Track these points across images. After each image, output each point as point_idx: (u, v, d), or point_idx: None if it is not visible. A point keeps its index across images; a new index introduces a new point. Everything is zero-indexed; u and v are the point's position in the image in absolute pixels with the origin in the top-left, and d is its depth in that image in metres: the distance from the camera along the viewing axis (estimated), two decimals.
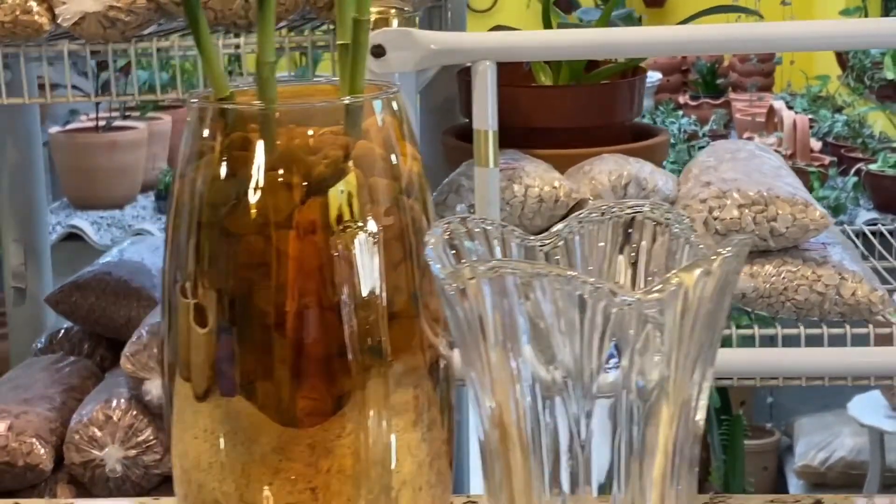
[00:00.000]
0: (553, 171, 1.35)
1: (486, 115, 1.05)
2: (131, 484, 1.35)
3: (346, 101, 0.56)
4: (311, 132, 0.56)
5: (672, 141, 3.79)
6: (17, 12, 1.14)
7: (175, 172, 0.58)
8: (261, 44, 0.54)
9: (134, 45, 1.15)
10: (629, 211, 0.51)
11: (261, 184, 0.55)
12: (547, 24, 1.78)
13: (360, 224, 0.56)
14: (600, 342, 0.41)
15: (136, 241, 2.45)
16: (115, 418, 1.36)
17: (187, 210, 0.57)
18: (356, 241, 0.56)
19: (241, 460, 0.58)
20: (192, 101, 0.57)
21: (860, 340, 1.29)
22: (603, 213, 0.51)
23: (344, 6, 0.59)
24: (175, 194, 0.58)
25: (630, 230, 0.50)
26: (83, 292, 1.83)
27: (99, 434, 1.36)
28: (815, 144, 4.19)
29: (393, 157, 0.58)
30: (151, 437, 1.37)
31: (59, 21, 1.12)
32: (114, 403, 1.38)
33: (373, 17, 1.07)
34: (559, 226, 0.51)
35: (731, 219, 1.34)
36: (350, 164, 0.56)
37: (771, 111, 3.97)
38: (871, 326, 1.29)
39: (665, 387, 0.43)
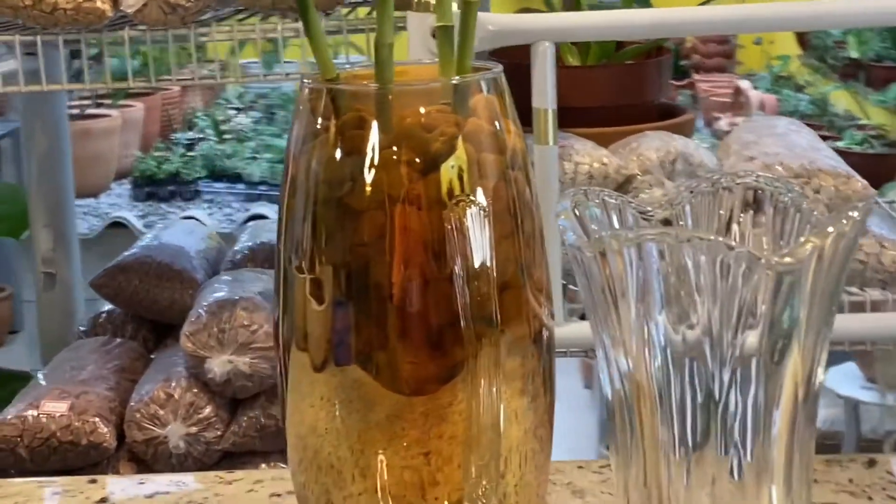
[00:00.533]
0: (600, 148, 1.37)
1: (545, 94, 1.07)
2: (193, 460, 1.38)
3: (458, 81, 0.58)
4: (423, 110, 0.58)
5: None
6: (81, 0, 1.16)
7: (288, 156, 0.60)
8: (380, 25, 0.56)
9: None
10: (739, 181, 0.52)
11: (380, 161, 0.57)
12: (570, 6, 1.79)
13: (472, 198, 0.57)
14: (739, 305, 0.43)
15: (170, 226, 2.47)
16: (176, 396, 1.38)
17: (303, 189, 0.59)
18: (468, 214, 0.57)
19: (356, 427, 0.60)
20: (306, 82, 0.59)
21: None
22: (713, 184, 0.53)
23: None
24: (289, 175, 0.60)
25: (741, 200, 0.52)
26: (127, 275, 1.85)
27: (161, 412, 1.38)
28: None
29: (499, 133, 0.59)
30: (212, 414, 1.39)
31: (122, 8, 1.14)
32: (174, 382, 1.40)
33: (433, 1, 1.09)
34: (670, 196, 0.53)
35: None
36: (461, 140, 0.58)
37: (738, 91, 3.99)
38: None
39: (794, 347, 0.44)
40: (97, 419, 1.39)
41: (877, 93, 4.36)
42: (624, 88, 2.00)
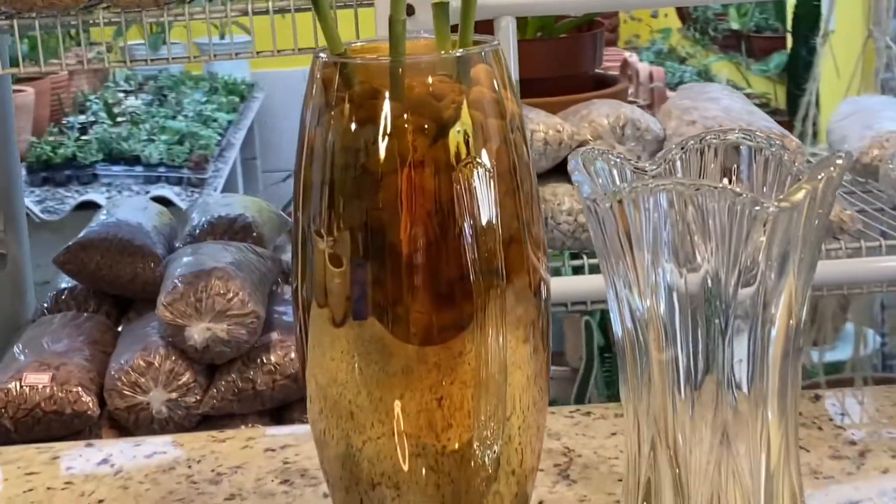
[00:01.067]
0: (553, 116, 1.41)
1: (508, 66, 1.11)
2: (174, 424, 1.40)
3: (463, 53, 0.62)
4: (430, 80, 0.61)
5: None
6: None
7: (304, 126, 0.63)
8: (393, 3, 0.59)
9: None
10: (724, 138, 0.57)
11: (394, 129, 0.60)
12: None
13: (478, 160, 0.61)
14: (740, 248, 0.47)
15: (119, 203, 2.48)
16: (156, 364, 1.41)
17: (320, 158, 0.62)
18: (475, 174, 0.61)
19: (374, 376, 0.63)
20: (321, 56, 0.62)
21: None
22: (701, 141, 0.57)
23: None
24: (304, 145, 0.63)
25: (728, 155, 0.56)
26: (88, 252, 1.87)
27: (142, 380, 1.40)
28: (669, 94, 4.27)
29: (500, 100, 0.63)
30: (191, 380, 1.42)
31: None
32: (153, 351, 1.43)
33: None
34: (661, 154, 0.57)
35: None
36: (466, 107, 0.61)
37: (625, 64, 4.05)
38: (842, 242, 1.38)
39: (787, 288, 0.49)
40: (79, 389, 1.41)
41: (758, 62, 4.43)
42: (561, 60, 2.05)
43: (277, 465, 0.89)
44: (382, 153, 0.61)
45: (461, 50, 0.62)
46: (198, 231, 1.97)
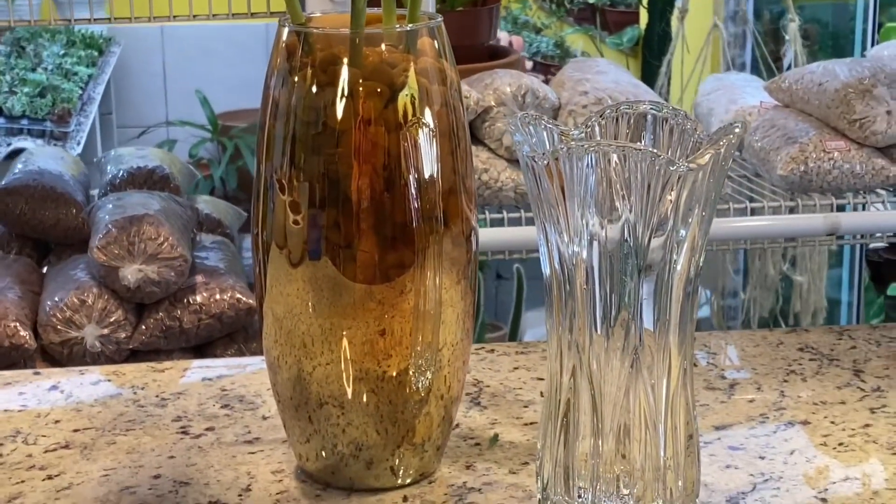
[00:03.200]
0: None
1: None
2: (105, 358, 1.43)
3: (412, 28, 0.66)
4: (384, 48, 0.66)
5: None
6: None
7: (269, 84, 0.67)
8: None
9: None
10: (637, 108, 0.62)
11: (352, 91, 0.65)
12: None
13: (424, 121, 0.66)
14: (653, 203, 0.52)
15: (36, 152, 2.46)
16: (89, 302, 1.43)
17: (283, 115, 0.66)
18: (421, 134, 0.66)
19: (326, 310, 0.68)
20: (287, 25, 0.66)
21: None
22: (617, 111, 0.62)
23: None
24: (269, 104, 0.67)
25: (639, 123, 0.62)
26: (14, 198, 1.87)
27: (76, 316, 1.42)
28: (527, 64, 4.32)
29: (442, 69, 0.68)
30: (122, 318, 1.44)
31: None
32: (86, 289, 1.45)
33: None
34: (583, 120, 0.62)
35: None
36: (414, 74, 0.66)
37: None
38: None
39: (689, 238, 0.55)
40: (16, 324, 1.43)
41: (612, 36, 4.46)
42: (461, 32, 2.10)
43: (216, 392, 0.93)
44: (341, 113, 0.65)
45: (410, 25, 0.66)
46: (118, 181, 1.98)
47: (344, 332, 0.68)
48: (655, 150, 0.51)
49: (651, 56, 3.05)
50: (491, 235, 1.35)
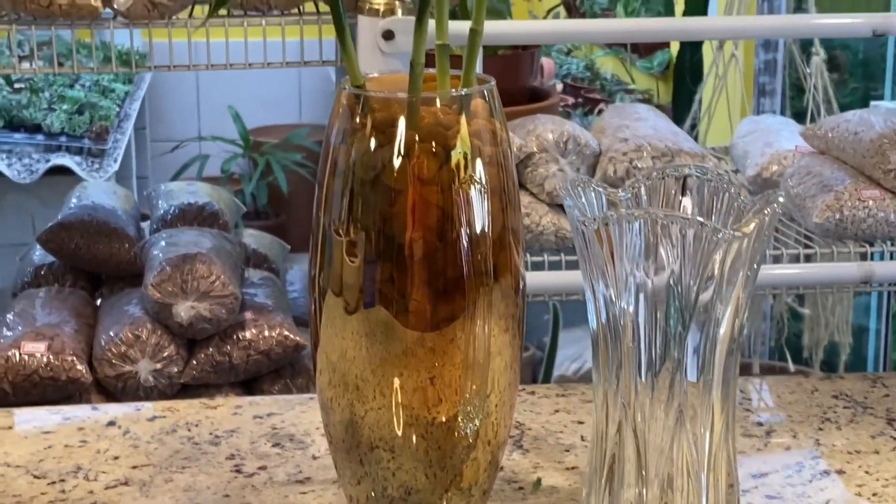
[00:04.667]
0: None
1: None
2: (158, 392, 1.45)
3: (466, 92, 0.68)
4: (439, 113, 0.68)
5: None
6: None
7: (329, 143, 0.69)
8: (416, 47, 0.66)
9: None
10: (682, 171, 0.64)
11: (409, 151, 0.67)
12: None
13: (476, 180, 0.68)
14: (700, 264, 0.54)
15: (89, 186, 2.50)
16: (143, 337, 1.46)
17: (342, 171, 0.68)
18: (473, 192, 0.68)
19: (378, 356, 0.70)
20: (346, 88, 0.68)
21: None
22: (662, 172, 0.64)
23: (441, 11, 0.70)
24: (329, 160, 0.69)
25: (684, 185, 0.63)
26: (69, 232, 1.90)
27: (130, 351, 1.45)
28: (558, 86, 4.29)
29: (494, 130, 0.70)
30: (174, 352, 1.47)
31: (115, 6, 1.20)
32: (140, 325, 1.48)
33: (381, 7, 1.18)
34: (629, 182, 0.64)
35: (647, 167, 1.48)
36: (468, 135, 0.68)
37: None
38: None
39: (735, 296, 0.56)
40: (73, 357, 1.46)
41: (642, 59, 4.42)
42: (502, 76, 2.11)
43: (267, 430, 0.94)
44: (397, 171, 0.67)
45: (465, 89, 0.68)
46: (169, 216, 2.01)
47: (396, 379, 0.70)
48: (701, 219, 0.53)
49: (682, 81, 3.06)
50: (531, 279, 1.36)
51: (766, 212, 0.54)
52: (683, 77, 3.00)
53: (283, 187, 4.62)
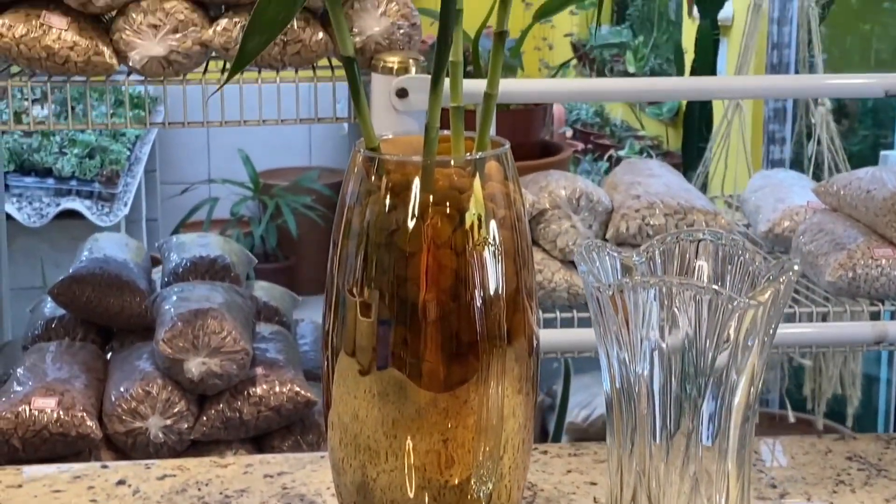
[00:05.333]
0: None
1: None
2: (168, 448, 1.45)
3: (481, 156, 0.69)
4: (454, 175, 0.68)
5: None
6: (90, 54, 1.23)
7: (344, 205, 0.70)
8: (431, 111, 0.66)
9: None
10: (696, 237, 0.64)
11: (423, 214, 0.67)
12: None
13: (490, 243, 0.68)
14: (716, 331, 0.54)
15: (101, 239, 2.51)
16: (154, 393, 1.46)
17: (357, 232, 0.69)
18: (487, 255, 0.68)
19: (391, 417, 0.70)
20: (361, 151, 0.69)
21: None
22: (676, 238, 0.64)
23: (456, 74, 0.71)
24: (343, 221, 0.70)
25: (699, 250, 0.64)
26: (81, 286, 1.90)
27: (141, 407, 1.45)
28: (568, 132, 4.30)
29: (508, 193, 0.70)
30: (184, 408, 1.47)
31: (130, 63, 1.22)
32: (151, 380, 1.48)
33: (395, 66, 1.19)
34: (644, 245, 0.64)
35: (659, 225, 1.49)
36: (483, 199, 0.69)
37: None
38: None
39: (750, 362, 0.56)
40: (83, 413, 1.46)
41: (651, 105, 4.41)
42: (513, 131, 2.13)
43: (277, 490, 0.94)
44: (412, 234, 0.67)
45: (479, 153, 0.69)
46: (180, 269, 2.01)
47: (408, 440, 0.70)
48: (716, 287, 0.53)
49: (691, 128, 3.08)
50: (543, 337, 1.37)
51: (781, 280, 0.55)
52: (693, 123, 3.01)
53: (292, 230, 4.65)
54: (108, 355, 1.84)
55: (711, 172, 2.51)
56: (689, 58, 3.26)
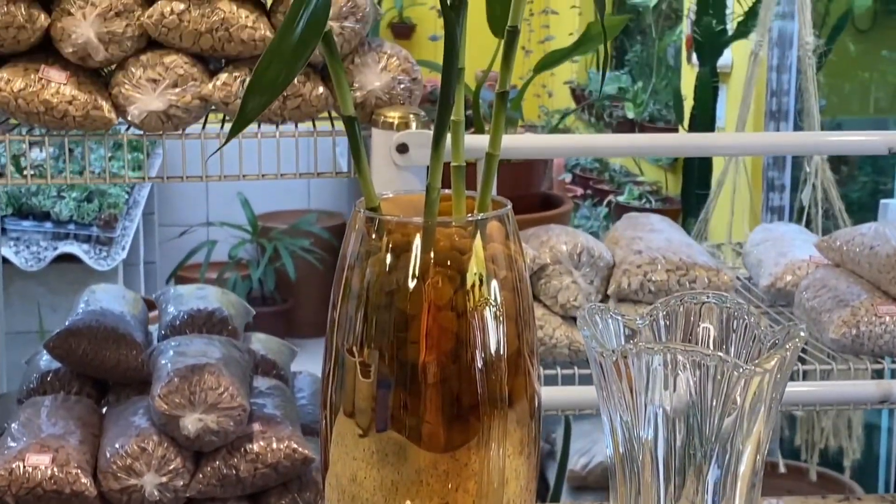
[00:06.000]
0: None
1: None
2: None
3: (482, 217, 0.68)
4: (455, 237, 0.68)
5: None
6: (89, 108, 1.23)
7: (344, 264, 0.69)
8: (432, 172, 0.66)
9: None
10: (701, 300, 0.64)
11: (424, 275, 0.67)
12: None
13: (492, 305, 0.68)
14: (722, 396, 0.54)
15: (97, 291, 2.50)
16: (149, 450, 1.45)
17: (357, 292, 0.69)
18: (488, 318, 0.68)
19: (390, 478, 0.69)
20: (362, 211, 0.69)
21: None
22: (681, 301, 0.64)
23: (458, 134, 0.71)
24: (343, 280, 0.69)
25: (703, 314, 0.63)
26: (77, 338, 1.89)
27: (136, 464, 1.44)
28: (567, 177, 4.33)
29: (510, 254, 0.70)
30: (180, 465, 1.46)
31: (129, 118, 1.22)
32: (146, 437, 1.47)
33: (396, 121, 1.19)
34: (648, 308, 0.64)
35: (660, 280, 1.49)
36: (484, 260, 0.68)
37: None
38: None
39: (756, 427, 0.56)
40: (78, 471, 1.45)
41: None
42: (514, 184, 2.14)
43: None
44: (412, 295, 0.67)
45: (481, 214, 0.69)
46: (178, 322, 2.00)
47: (407, 502, 0.69)
48: (721, 354, 0.53)
49: (690, 174, 3.09)
50: (544, 394, 1.36)
51: (787, 347, 0.54)
52: (692, 170, 3.03)
53: (290, 273, 4.65)
54: (104, 409, 1.83)
55: (711, 219, 2.52)
56: (688, 104, 3.29)
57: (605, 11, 0.68)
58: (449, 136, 0.69)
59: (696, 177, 3.12)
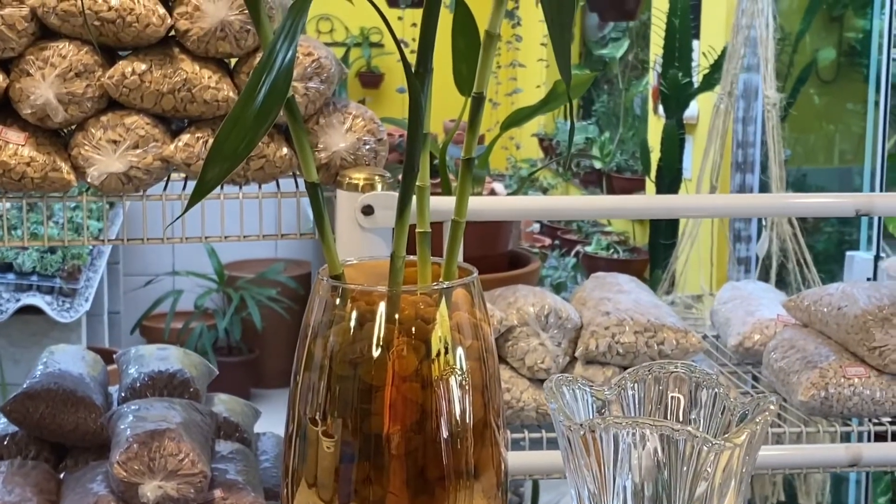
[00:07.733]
0: None
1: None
2: None
3: (448, 285, 0.68)
4: (420, 305, 0.67)
5: None
6: (47, 170, 1.22)
7: (307, 332, 0.69)
8: (397, 240, 0.66)
9: None
10: (669, 370, 0.63)
11: (388, 345, 0.66)
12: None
13: (458, 375, 0.67)
14: (693, 469, 0.53)
15: (56, 352, 2.47)
16: None
17: (320, 360, 0.68)
18: (455, 386, 0.67)
19: None
20: (325, 280, 0.68)
21: None
22: (649, 371, 0.64)
23: (423, 200, 0.71)
24: (306, 348, 0.69)
25: (672, 384, 0.63)
26: (34, 402, 1.86)
27: None
28: (535, 226, 4.36)
29: (476, 322, 0.69)
30: None
31: (88, 179, 1.21)
32: None
33: (361, 182, 1.19)
34: (617, 378, 0.63)
35: (628, 342, 1.48)
36: (450, 329, 0.68)
37: (493, 193, 4.09)
38: None
39: (728, 500, 0.55)
40: None
41: None
42: (481, 243, 2.13)
43: None
44: (376, 366, 0.66)
45: (446, 283, 0.68)
46: (138, 384, 1.98)
47: None
48: (691, 429, 0.52)
49: (658, 225, 3.10)
50: (511, 459, 1.35)
51: (757, 420, 0.54)
52: (659, 220, 3.04)
53: (257, 323, 4.62)
54: (62, 475, 1.80)
55: (679, 269, 2.53)
56: (654, 155, 3.32)
57: (570, 75, 0.68)
58: (414, 199, 0.68)
59: (663, 227, 3.14)
